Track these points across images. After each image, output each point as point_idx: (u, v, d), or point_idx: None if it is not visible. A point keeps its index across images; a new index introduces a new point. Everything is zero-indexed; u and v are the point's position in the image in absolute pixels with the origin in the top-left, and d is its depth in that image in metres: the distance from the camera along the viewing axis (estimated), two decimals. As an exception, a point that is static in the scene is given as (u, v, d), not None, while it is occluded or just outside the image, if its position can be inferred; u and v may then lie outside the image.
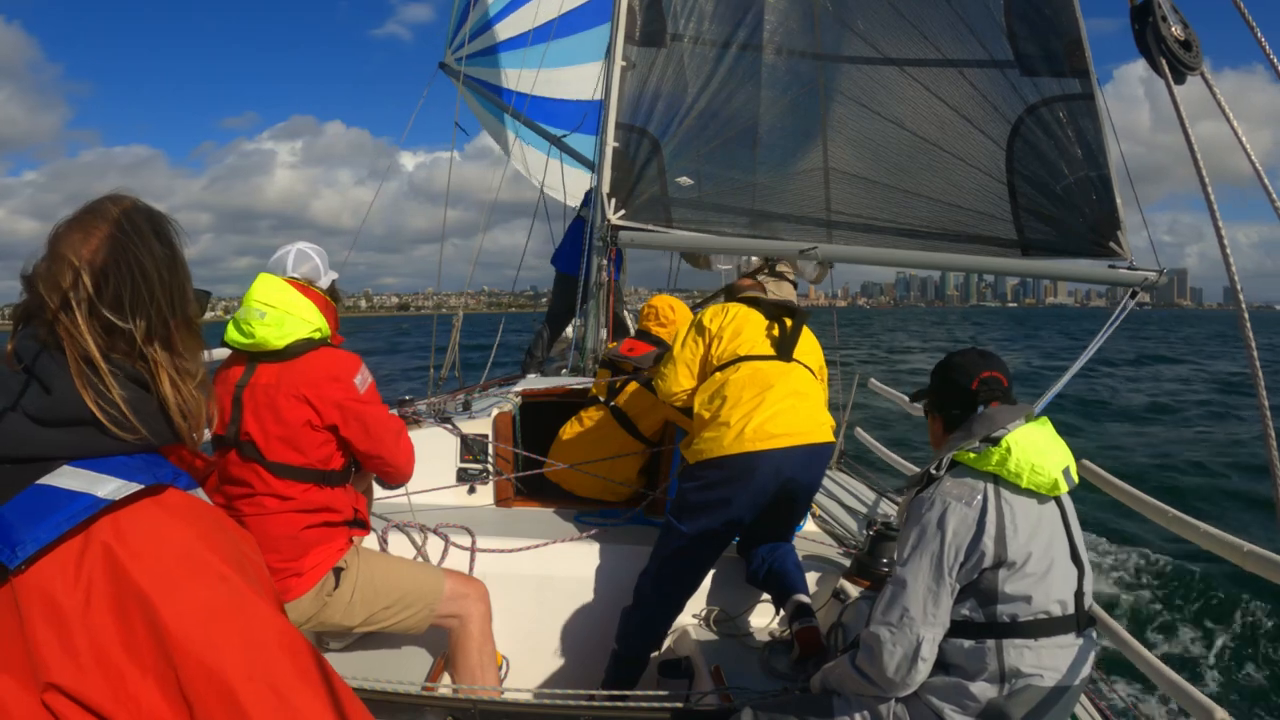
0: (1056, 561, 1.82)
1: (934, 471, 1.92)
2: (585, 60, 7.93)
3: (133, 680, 0.79)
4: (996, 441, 1.84)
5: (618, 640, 2.82)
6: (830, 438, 2.84)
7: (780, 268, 3.46)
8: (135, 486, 0.84)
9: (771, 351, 2.88)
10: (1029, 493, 1.83)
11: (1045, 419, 1.96)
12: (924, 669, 1.79)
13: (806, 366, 2.92)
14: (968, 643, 1.79)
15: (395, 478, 2.63)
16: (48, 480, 0.82)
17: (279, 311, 2.36)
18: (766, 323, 2.95)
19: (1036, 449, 1.83)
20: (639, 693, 2.44)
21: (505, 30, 8.20)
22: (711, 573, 2.96)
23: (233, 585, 0.85)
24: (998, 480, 1.83)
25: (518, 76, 7.60)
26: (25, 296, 0.93)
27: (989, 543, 1.77)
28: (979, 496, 1.82)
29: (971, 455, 1.86)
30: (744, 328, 2.93)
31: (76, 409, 0.85)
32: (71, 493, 0.82)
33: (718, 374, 2.86)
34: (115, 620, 0.79)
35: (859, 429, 5.50)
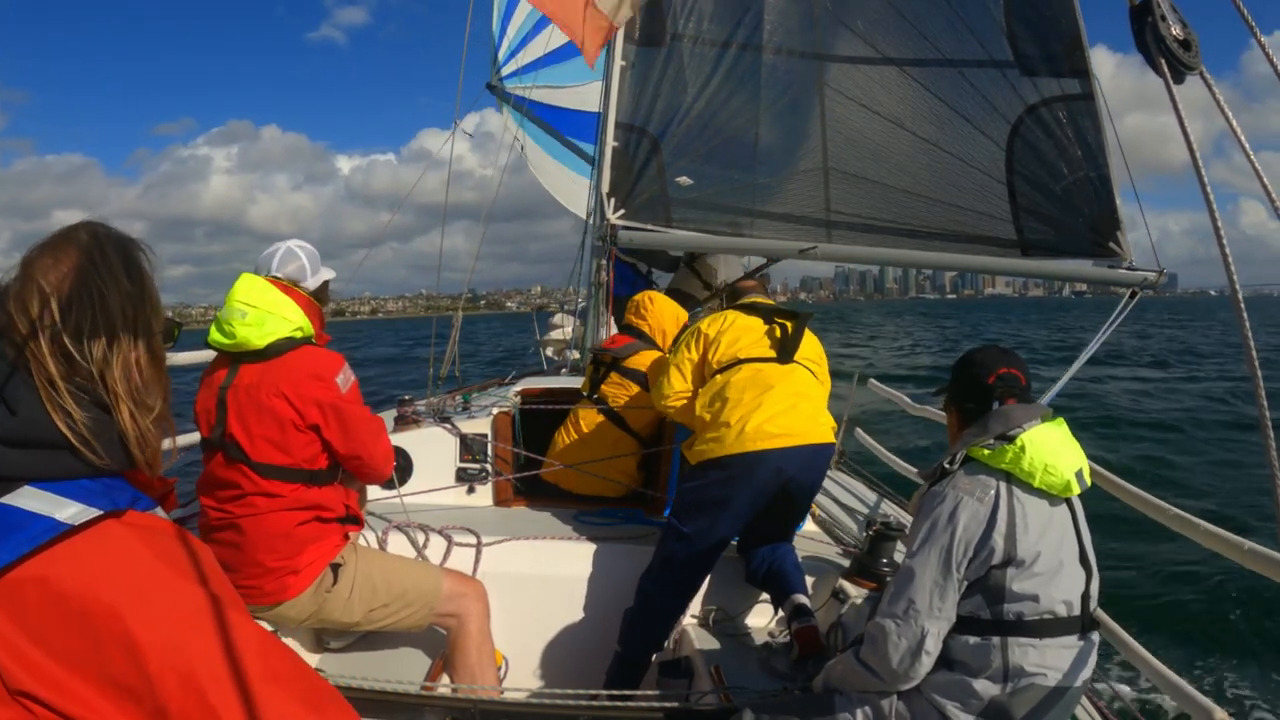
0: (1065, 563, 1.82)
1: (947, 465, 1.93)
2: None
3: (101, 697, 0.79)
4: (1011, 439, 1.84)
5: (620, 641, 2.82)
6: (831, 438, 2.85)
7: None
8: (95, 512, 0.85)
9: (772, 354, 2.90)
10: (1041, 493, 1.83)
11: (1061, 420, 1.95)
12: (927, 662, 1.80)
13: (808, 368, 2.94)
14: (973, 639, 1.79)
15: (371, 478, 2.63)
16: (9, 500, 0.83)
17: (260, 311, 2.35)
18: (766, 327, 2.97)
19: (1050, 449, 1.83)
20: (639, 692, 2.43)
21: (539, 47, 8.14)
22: (711, 573, 2.96)
23: (198, 595, 0.86)
24: (1010, 478, 1.83)
25: (562, 93, 7.53)
26: None
27: (999, 540, 1.77)
28: (991, 493, 1.82)
29: (986, 452, 1.86)
30: (742, 334, 2.95)
31: (40, 431, 0.86)
32: (32, 514, 0.82)
33: (718, 376, 2.87)
34: (81, 639, 0.80)
35: (859, 429, 5.49)
